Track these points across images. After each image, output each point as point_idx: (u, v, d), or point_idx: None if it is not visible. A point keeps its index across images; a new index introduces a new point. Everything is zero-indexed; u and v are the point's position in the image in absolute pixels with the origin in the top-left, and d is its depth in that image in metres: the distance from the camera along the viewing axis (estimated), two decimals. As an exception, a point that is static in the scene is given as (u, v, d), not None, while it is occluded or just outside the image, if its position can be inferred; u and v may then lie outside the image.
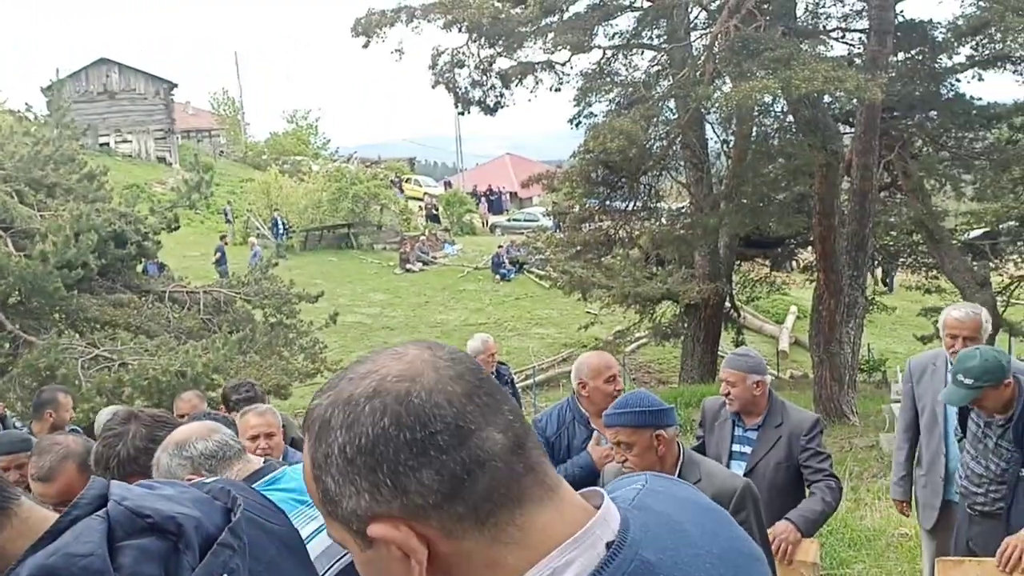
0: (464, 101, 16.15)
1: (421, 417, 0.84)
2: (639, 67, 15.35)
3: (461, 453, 0.84)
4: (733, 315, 17.68)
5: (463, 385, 0.87)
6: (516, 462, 0.87)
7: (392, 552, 0.86)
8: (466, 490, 0.84)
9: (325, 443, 0.87)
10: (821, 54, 12.72)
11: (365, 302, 24.35)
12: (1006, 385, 3.76)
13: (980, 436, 4.00)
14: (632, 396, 3.05)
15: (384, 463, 0.84)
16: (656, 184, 15.77)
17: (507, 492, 0.86)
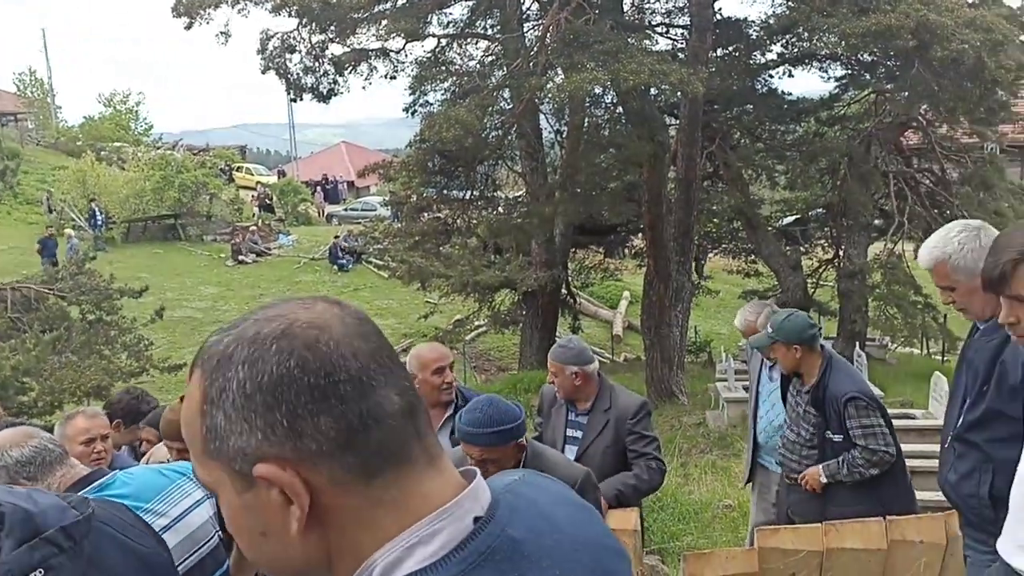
0: (296, 87, 15.69)
1: (327, 365, 0.84)
2: (474, 56, 15.41)
3: (361, 405, 0.85)
4: (569, 301, 18.13)
5: (368, 344, 0.88)
6: (408, 425, 0.88)
7: (272, 497, 0.84)
8: (360, 442, 0.84)
9: (223, 377, 0.85)
10: (647, 48, 13.18)
11: (195, 296, 23.33)
12: (795, 349, 4.11)
13: (794, 404, 4.33)
14: (490, 409, 2.94)
15: (284, 403, 0.83)
16: (493, 173, 15.90)
17: (398, 451, 0.86)
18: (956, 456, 2.87)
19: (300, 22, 14.33)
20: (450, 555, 0.85)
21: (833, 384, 4.08)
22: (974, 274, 2.63)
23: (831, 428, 4.09)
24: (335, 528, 0.86)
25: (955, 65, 11.32)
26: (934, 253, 2.76)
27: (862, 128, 15.88)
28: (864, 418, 4.02)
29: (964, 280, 2.71)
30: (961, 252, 2.67)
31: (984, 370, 2.75)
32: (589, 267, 19.75)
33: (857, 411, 4.02)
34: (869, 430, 4.01)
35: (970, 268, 2.67)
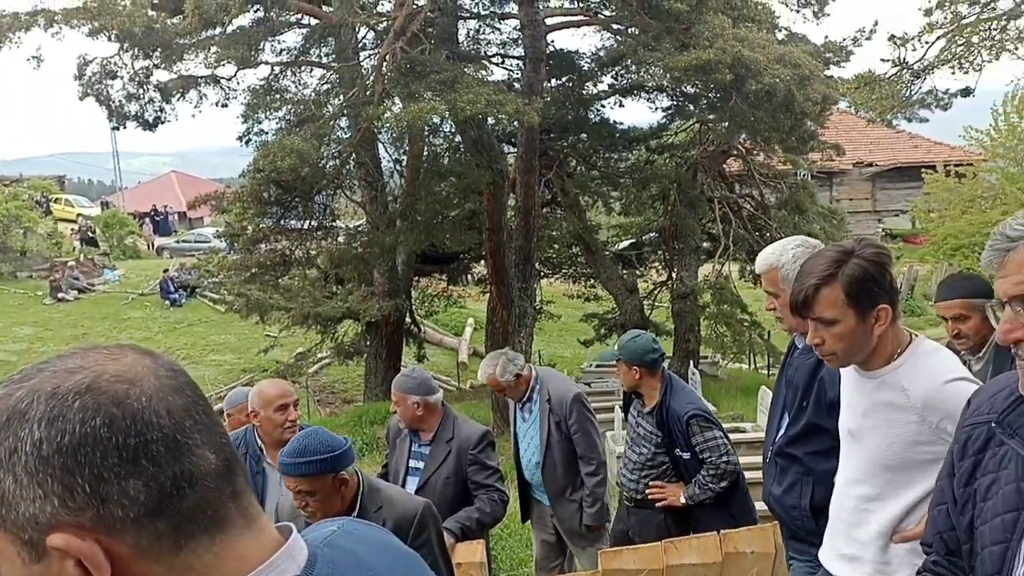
0: (119, 115, 14.91)
1: (138, 423, 0.78)
2: (309, 84, 15.15)
3: (174, 467, 0.78)
4: (414, 330, 18.01)
5: (183, 398, 0.82)
6: (225, 486, 0.82)
7: (66, 570, 0.76)
8: (172, 507, 0.78)
9: (15, 437, 0.76)
10: (483, 78, 13.38)
11: (8, 338, 21.63)
12: (634, 370, 4.26)
13: (635, 425, 4.45)
14: (309, 440, 2.87)
15: (87, 466, 0.76)
16: (331, 203, 15.62)
17: (212, 515, 0.81)
18: (779, 470, 3.00)
19: (121, 47, 13.64)
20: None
21: (674, 404, 4.24)
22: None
23: (679, 447, 4.23)
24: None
25: (768, 98, 12.10)
26: (769, 260, 2.93)
27: (689, 156, 16.71)
28: (707, 432, 4.20)
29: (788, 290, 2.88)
30: (793, 264, 2.82)
31: (804, 386, 2.91)
32: (433, 295, 19.72)
33: (699, 428, 4.19)
34: (712, 443, 4.19)
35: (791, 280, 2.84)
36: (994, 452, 1.55)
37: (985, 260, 1.37)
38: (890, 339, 2.24)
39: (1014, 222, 1.36)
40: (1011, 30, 19.29)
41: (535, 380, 4.76)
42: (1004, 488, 1.49)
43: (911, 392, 2.17)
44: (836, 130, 22.05)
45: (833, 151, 16.92)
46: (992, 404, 1.58)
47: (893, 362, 2.24)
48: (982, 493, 1.55)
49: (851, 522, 2.39)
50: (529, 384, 4.74)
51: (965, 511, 1.60)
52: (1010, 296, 1.34)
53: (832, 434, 2.75)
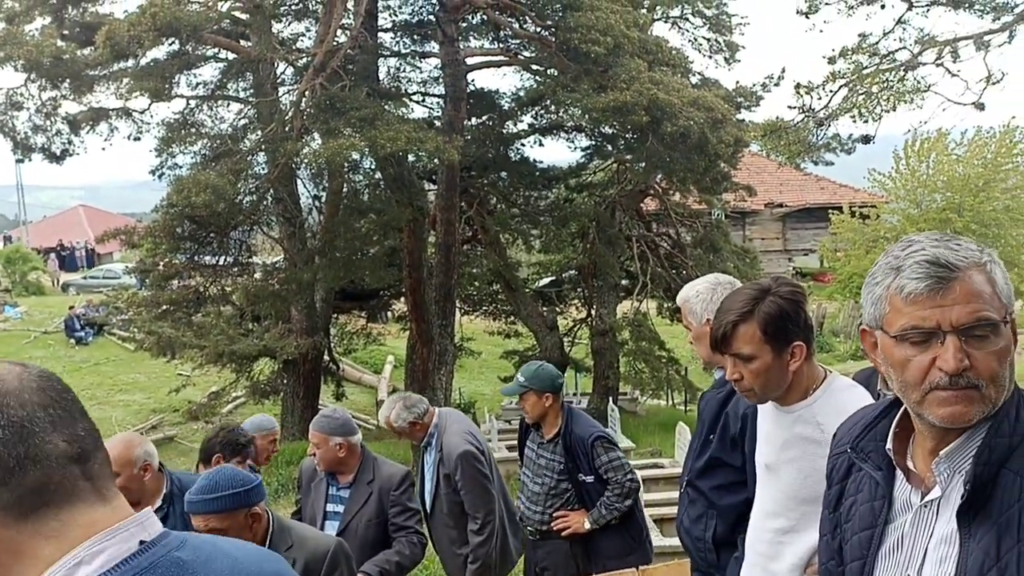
0: (24, 147, 14.44)
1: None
2: (226, 119, 14.94)
3: (18, 448, 0.93)
4: (332, 368, 17.72)
5: (41, 397, 0.97)
6: (75, 469, 0.96)
7: None
8: (14, 481, 0.93)
9: None
10: (404, 116, 13.41)
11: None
12: (546, 397, 4.30)
13: (534, 457, 4.46)
14: (219, 476, 2.79)
15: None
16: (248, 239, 15.35)
17: (58, 491, 0.95)
18: (688, 501, 3.06)
19: (28, 77, 13.23)
20: (110, 571, 0.93)
21: (577, 429, 4.30)
22: (700, 320, 2.92)
23: (582, 470, 4.28)
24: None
25: (683, 139, 12.44)
26: (682, 295, 3.07)
27: (607, 195, 17.00)
28: (611, 452, 4.29)
29: (693, 323, 2.99)
30: (697, 299, 2.96)
31: (710, 421, 2.98)
32: (352, 332, 19.46)
33: (604, 449, 4.28)
34: (616, 462, 4.27)
35: (697, 314, 2.96)
36: (854, 478, 1.63)
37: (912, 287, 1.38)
38: (805, 375, 2.31)
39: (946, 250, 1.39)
40: (908, 81, 20.35)
41: (434, 427, 4.60)
42: (860, 508, 1.57)
43: (825, 427, 2.23)
44: (748, 172, 22.79)
45: (745, 192, 17.45)
46: (850, 433, 1.65)
47: (808, 397, 2.31)
48: (845, 515, 1.63)
49: (768, 554, 2.43)
50: (427, 430, 4.61)
51: (835, 535, 1.67)
52: (959, 325, 1.35)
53: (736, 469, 2.80)
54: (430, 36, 14.90)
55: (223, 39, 13.50)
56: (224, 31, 13.56)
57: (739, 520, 2.73)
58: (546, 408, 4.31)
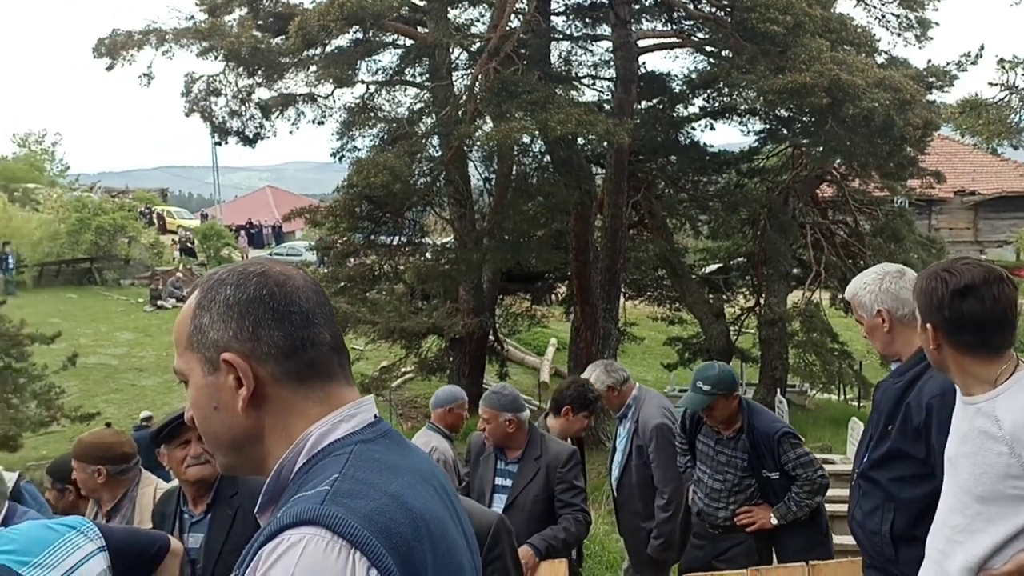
0: (221, 131, 15.49)
1: (289, 298, 1.20)
2: (402, 103, 15.48)
3: (303, 332, 1.20)
4: (496, 348, 18.10)
5: (318, 297, 1.24)
6: (334, 355, 1.24)
7: (228, 380, 1.18)
8: (297, 355, 1.19)
9: (215, 292, 1.21)
10: (574, 99, 13.45)
11: (110, 342, 22.53)
12: (734, 397, 4.19)
13: (712, 454, 4.37)
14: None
15: (253, 315, 1.18)
16: (421, 219, 15.88)
17: (324, 368, 1.22)
18: (861, 494, 2.93)
19: (227, 65, 14.20)
20: (363, 430, 1.21)
21: (760, 424, 4.17)
22: (871, 313, 2.79)
23: (766, 467, 4.15)
24: (271, 412, 1.19)
25: (866, 122, 11.82)
26: (850, 288, 2.96)
27: (781, 180, 16.41)
28: (797, 449, 4.14)
29: (864, 316, 2.87)
30: (865, 291, 2.84)
31: (889, 411, 2.84)
32: (516, 314, 19.78)
33: (791, 445, 4.13)
34: (805, 458, 4.12)
35: (867, 307, 2.84)
36: None
37: None
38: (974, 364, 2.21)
39: None
40: None
41: (632, 399, 4.75)
42: None
43: (1003, 423, 2.12)
44: (937, 157, 21.38)
45: (933, 178, 16.38)
46: None
47: (993, 390, 2.18)
48: None
49: (943, 552, 2.32)
50: (624, 400, 4.73)
51: None
52: None
53: (918, 461, 2.67)
54: (602, 19, 14.85)
55: (402, 26, 13.99)
56: (403, 18, 14.06)
57: (922, 514, 2.60)
58: (733, 409, 4.22)
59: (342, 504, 1.08)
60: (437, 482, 1.28)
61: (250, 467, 1.25)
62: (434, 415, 5.06)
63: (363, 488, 1.12)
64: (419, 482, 1.22)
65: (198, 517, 3.08)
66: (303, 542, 1.05)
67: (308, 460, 1.18)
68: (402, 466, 1.21)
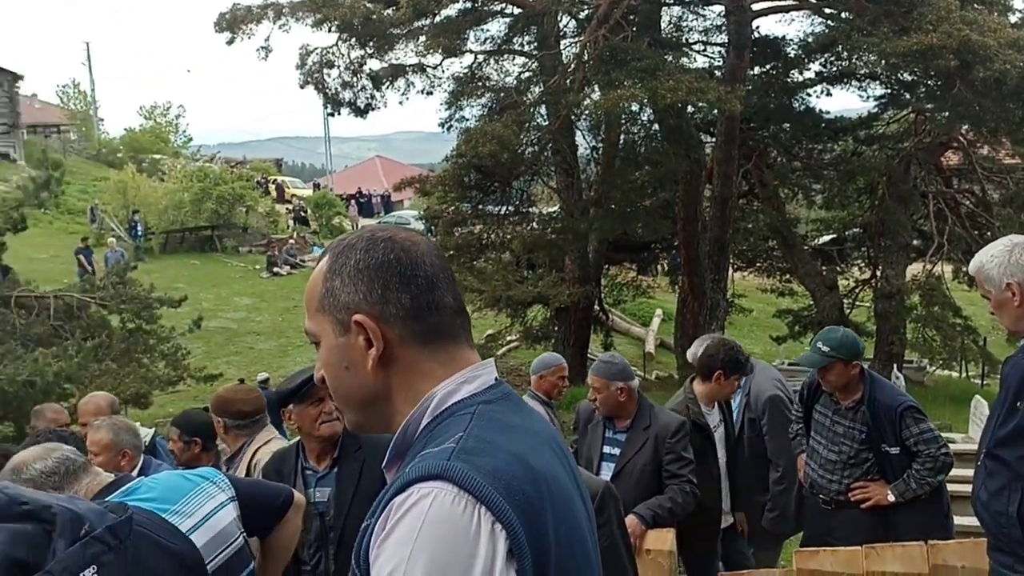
0: (334, 102, 15.88)
1: (414, 262, 1.26)
2: (511, 72, 15.50)
3: (428, 295, 1.25)
4: (602, 318, 18.07)
5: (440, 263, 1.30)
6: (457, 318, 1.29)
7: (359, 341, 1.24)
8: (423, 317, 1.24)
9: (345, 256, 1.27)
10: (685, 66, 13.18)
11: (230, 307, 23.53)
12: (854, 365, 4.05)
13: (828, 424, 4.24)
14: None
15: (381, 279, 1.24)
16: (528, 189, 15.94)
17: (448, 331, 1.27)
18: (987, 474, 2.83)
19: (340, 37, 14.51)
20: (485, 391, 1.25)
21: (882, 397, 4.03)
22: (999, 286, 2.69)
23: (886, 441, 4.01)
24: (398, 371, 1.25)
25: (997, 86, 11.19)
26: (975, 262, 2.84)
27: (901, 148, 15.72)
28: (921, 424, 3.99)
29: (992, 291, 2.75)
30: (992, 263, 2.72)
31: (1016, 386, 2.73)
32: (622, 284, 19.68)
33: (914, 420, 3.98)
34: (929, 434, 3.97)
35: (995, 280, 2.72)
36: None
37: None
38: None
39: None
40: None
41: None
42: None
43: None
44: (1075, 121, 19.99)
45: (1070, 145, 15.38)
46: None
47: None
48: None
49: None
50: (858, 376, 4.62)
51: None
52: None
53: None
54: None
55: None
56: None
57: None
58: (851, 376, 4.11)
59: (467, 461, 1.12)
60: (555, 444, 1.32)
61: (378, 424, 1.31)
62: (532, 382, 5.13)
63: (487, 446, 1.16)
64: (539, 443, 1.25)
65: (323, 472, 3.22)
66: (432, 495, 1.09)
67: (433, 419, 1.23)
68: (523, 427, 1.25)
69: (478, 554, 1.08)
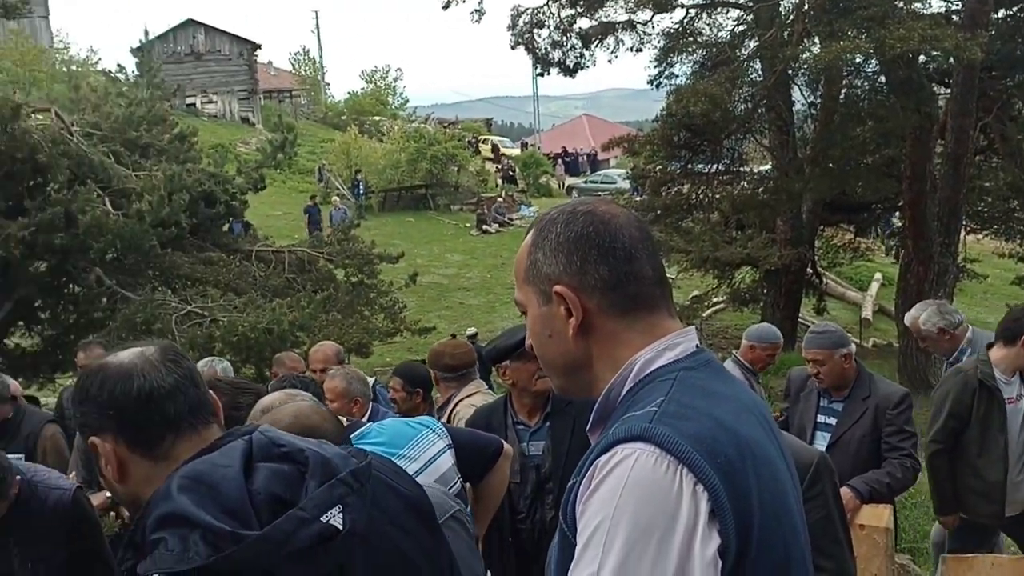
0: (544, 62, 16.04)
1: (612, 235, 1.29)
2: (723, 27, 14.98)
3: (626, 266, 1.28)
4: (815, 281, 17.30)
5: (641, 233, 1.32)
6: (656, 288, 1.31)
7: (560, 311, 1.29)
8: (621, 288, 1.28)
9: (547, 230, 1.32)
10: (917, 12, 12.21)
11: (442, 263, 24.58)
12: None
13: None
14: None
15: (580, 251, 1.28)
16: (739, 147, 15.43)
17: (646, 301, 1.30)
18: None
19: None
20: (686, 359, 1.27)
21: None
22: None
23: None
24: (598, 340, 1.29)
25: None
26: None
27: None
28: None
29: None
30: None
31: None
32: (838, 246, 18.69)
33: None
34: None
35: None
36: None
37: None
38: None
39: None
40: None
41: (966, 342, 4.37)
42: None
43: None
44: None
45: None
46: None
47: None
48: None
49: None
50: (956, 344, 4.35)
51: None
52: None
53: None
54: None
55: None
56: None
57: None
58: None
59: (669, 424, 1.15)
60: (759, 412, 1.31)
61: (581, 390, 1.35)
62: (740, 347, 5.04)
63: (688, 411, 1.18)
64: (742, 409, 1.26)
65: (535, 427, 3.35)
66: (635, 455, 1.13)
67: (635, 385, 1.27)
68: (725, 394, 1.26)
69: (680, 514, 1.09)
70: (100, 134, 10.86)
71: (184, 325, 9.70)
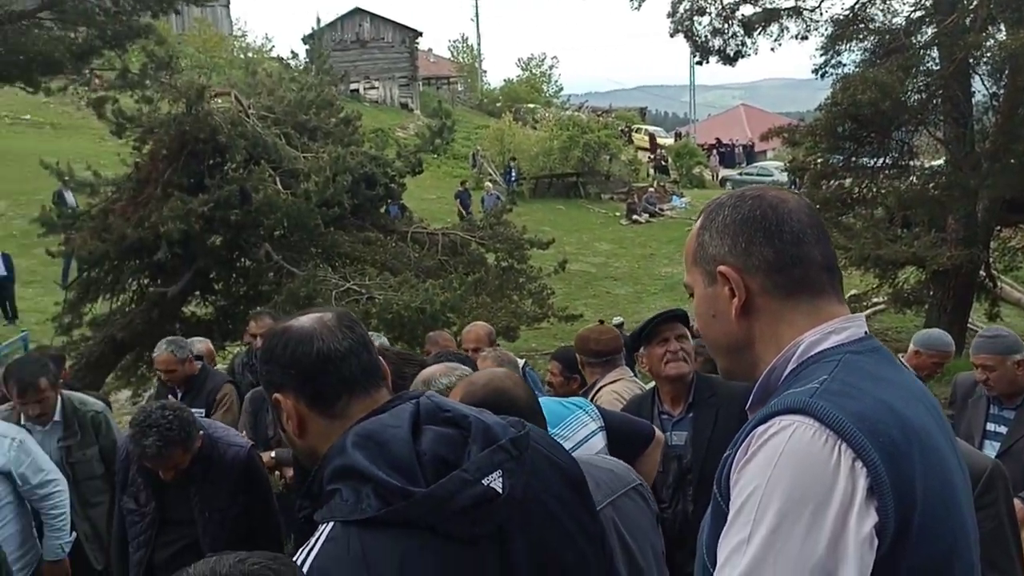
0: (703, 50, 15.70)
1: (780, 218, 1.31)
2: (898, 12, 14.19)
3: (793, 249, 1.30)
4: (988, 285, 16.20)
5: (810, 220, 1.33)
6: (824, 274, 1.31)
7: (723, 291, 1.32)
8: (786, 271, 1.29)
9: (716, 213, 1.36)
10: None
11: (590, 251, 24.58)
12: None
13: None
14: None
15: (745, 233, 1.31)
16: (910, 140, 14.60)
17: (812, 285, 1.30)
18: None
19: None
20: (853, 343, 1.27)
21: None
22: None
23: None
24: (760, 321, 1.31)
25: None
26: None
27: None
28: None
29: None
30: None
31: None
32: (1017, 248, 17.41)
33: None
34: None
35: None
36: None
37: None
38: None
39: None
40: None
41: None
42: None
43: None
44: None
45: None
46: None
47: None
48: None
49: None
50: None
51: None
52: None
53: None
54: None
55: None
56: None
57: None
58: None
59: (831, 400, 1.15)
60: (929, 403, 1.29)
61: (744, 371, 1.37)
62: (908, 350, 4.86)
63: (852, 390, 1.18)
64: (910, 396, 1.24)
65: (679, 417, 3.35)
66: (793, 427, 1.14)
67: (798, 366, 1.27)
68: (893, 380, 1.25)
69: (836, 487, 1.09)
70: (273, 117, 11.48)
71: (343, 301, 10.14)
